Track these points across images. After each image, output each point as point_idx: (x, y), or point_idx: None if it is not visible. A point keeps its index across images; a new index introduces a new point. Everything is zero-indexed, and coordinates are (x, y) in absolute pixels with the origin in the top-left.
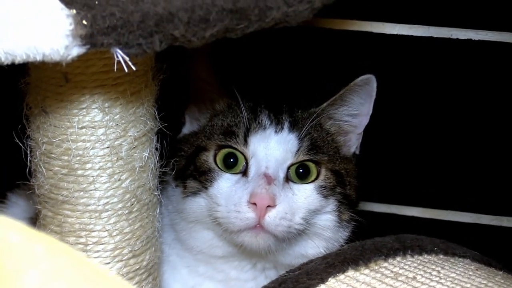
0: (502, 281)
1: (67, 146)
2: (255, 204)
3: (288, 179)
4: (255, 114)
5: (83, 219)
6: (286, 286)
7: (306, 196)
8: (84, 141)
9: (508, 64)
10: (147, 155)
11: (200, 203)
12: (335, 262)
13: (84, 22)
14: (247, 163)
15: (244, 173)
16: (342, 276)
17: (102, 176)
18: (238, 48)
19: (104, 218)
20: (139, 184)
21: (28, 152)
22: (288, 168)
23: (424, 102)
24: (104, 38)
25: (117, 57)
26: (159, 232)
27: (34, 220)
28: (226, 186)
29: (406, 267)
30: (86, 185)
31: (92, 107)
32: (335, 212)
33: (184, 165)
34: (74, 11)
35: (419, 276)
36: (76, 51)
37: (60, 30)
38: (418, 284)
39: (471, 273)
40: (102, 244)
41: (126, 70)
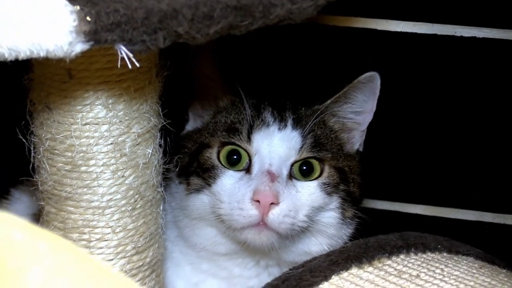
0: (506, 279)
1: (71, 143)
2: (258, 201)
3: (291, 176)
4: (258, 111)
5: (87, 216)
6: (290, 283)
7: (309, 193)
8: (88, 137)
9: None
10: (150, 151)
11: (204, 200)
12: (339, 260)
13: (88, 18)
14: (250, 160)
15: (248, 170)
16: (345, 274)
17: (105, 173)
18: (241, 45)
19: (108, 214)
20: (142, 180)
21: (32, 148)
22: (292, 165)
23: (428, 100)
24: (108, 34)
25: (121, 53)
26: (163, 228)
27: (38, 216)
28: (229, 183)
29: (410, 265)
30: (89, 181)
31: (96, 103)
32: (339, 209)
33: (187, 162)
34: (78, 8)
35: (423, 274)
36: (79, 47)
37: (64, 26)
38: (421, 282)
39: (474, 271)
40: (105, 240)
41: (130, 67)
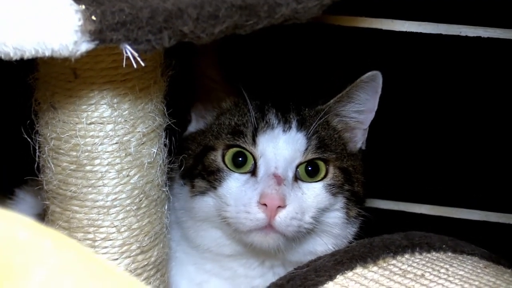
0: (511, 279)
1: (76, 142)
2: (265, 204)
3: (297, 178)
4: (262, 113)
5: (91, 215)
6: (294, 283)
7: (315, 195)
8: (93, 136)
9: None
10: (155, 151)
11: (209, 202)
12: (344, 259)
13: (93, 17)
14: (255, 163)
15: (253, 172)
16: (350, 273)
17: (110, 172)
18: (243, 44)
19: (113, 214)
20: (147, 180)
21: (37, 147)
22: (297, 167)
23: (433, 100)
24: (113, 34)
25: (126, 53)
26: (167, 228)
27: (42, 216)
28: (235, 186)
29: (415, 264)
30: (94, 181)
31: (101, 103)
32: (343, 209)
33: (191, 164)
34: (83, 7)
35: (427, 274)
36: (85, 46)
37: (69, 25)
38: (426, 282)
39: (479, 270)
40: (110, 240)
41: (135, 66)
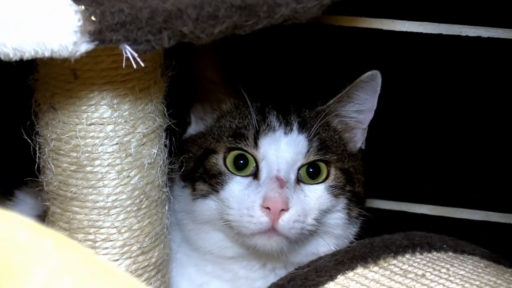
0: (511, 278)
1: (76, 143)
2: (268, 208)
3: (298, 180)
4: (263, 115)
5: (92, 216)
6: (295, 283)
7: (317, 197)
8: (93, 137)
9: None
10: (156, 151)
11: (210, 205)
12: (344, 259)
13: (93, 18)
14: (257, 166)
15: (255, 175)
16: (351, 273)
17: (111, 173)
18: (243, 44)
19: (113, 215)
20: (148, 181)
21: (37, 148)
22: (299, 169)
23: (433, 100)
24: (112, 34)
25: (125, 53)
26: (168, 229)
27: (42, 217)
28: (237, 189)
29: (415, 264)
30: (94, 181)
31: (101, 103)
32: (345, 210)
33: (192, 167)
34: (83, 7)
35: (428, 274)
36: (84, 47)
37: (69, 26)
38: (427, 282)
39: (480, 270)
40: (111, 241)
41: (135, 67)
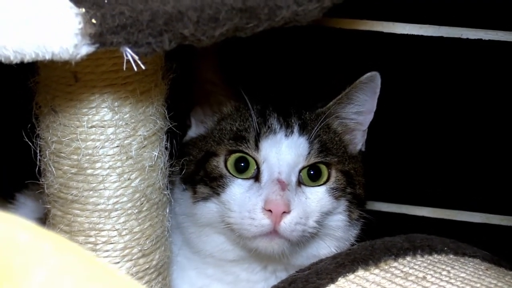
0: None
1: (77, 145)
2: (270, 210)
3: (300, 182)
4: (264, 118)
5: (93, 219)
6: (296, 285)
7: (318, 199)
8: (94, 140)
9: None
10: (156, 154)
11: (212, 208)
12: (345, 262)
13: (93, 21)
14: (258, 168)
15: (256, 178)
16: (352, 276)
17: (111, 175)
18: (245, 47)
19: (114, 217)
20: (148, 183)
21: (38, 151)
22: (300, 171)
23: (434, 102)
24: (113, 37)
25: (126, 56)
26: (169, 231)
27: (43, 220)
28: (239, 192)
29: (416, 267)
30: (95, 184)
31: (102, 106)
32: (346, 212)
33: (193, 170)
34: (83, 10)
35: (429, 276)
36: (85, 50)
37: (69, 28)
38: (428, 284)
39: (481, 273)
40: (112, 243)
41: (136, 69)
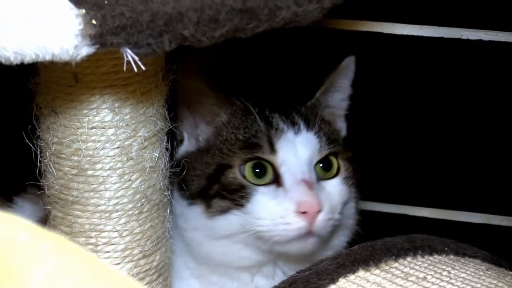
0: None
1: (77, 147)
2: (303, 212)
3: (317, 178)
4: (267, 120)
5: (93, 220)
6: (297, 286)
7: (338, 191)
8: (94, 141)
9: None
10: (157, 155)
11: (232, 220)
12: (346, 263)
13: (94, 21)
14: (275, 172)
15: (277, 182)
16: (352, 277)
17: (112, 177)
18: (244, 48)
19: (114, 218)
20: (149, 184)
21: (38, 152)
22: (314, 166)
23: (434, 103)
24: (113, 38)
25: (126, 57)
26: (170, 232)
27: (41, 223)
28: (265, 199)
29: (417, 267)
30: (96, 185)
31: (102, 107)
32: (354, 198)
33: (205, 185)
34: (84, 11)
35: (430, 276)
36: (85, 51)
37: (69, 29)
38: (428, 284)
39: (481, 273)
40: (112, 244)
41: (136, 70)
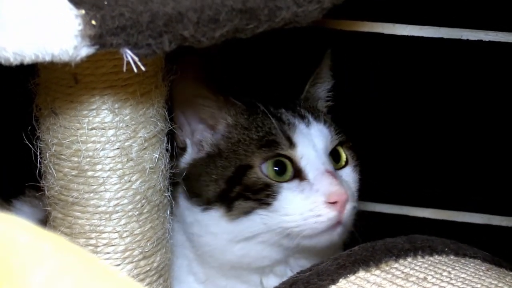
0: None
1: (77, 148)
2: (333, 203)
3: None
4: (276, 116)
5: (93, 221)
6: (297, 287)
7: (352, 179)
8: (94, 142)
9: None
10: (157, 156)
11: (255, 220)
12: (346, 263)
13: (93, 22)
14: (295, 166)
15: (298, 176)
16: (352, 277)
17: (112, 178)
18: (241, 49)
19: (115, 219)
20: (149, 185)
21: (38, 153)
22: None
23: (434, 103)
24: (113, 38)
25: (126, 57)
26: (170, 233)
27: (40, 226)
28: (292, 195)
29: (417, 267)
30: (96, 186)
31: (102, 108)
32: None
33: (225, 188)
34: (83, 11)
35: (430, 277)
36: (85, 51)
37: (69, 30)
38: (429, 285)
39: (481, 273)
40: (113, 245)
41: (136, 71)
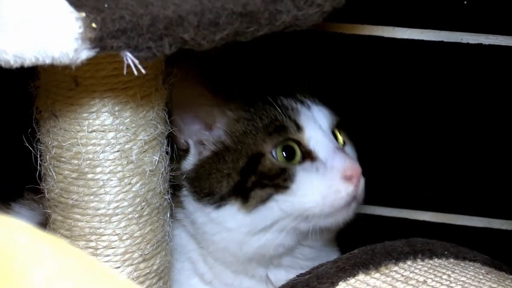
0: None
1: (77, 150)
2: (349, 177)
3: None
4: (277, 104)
5: (93, 223)
6: None
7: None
8: (94, 144)
9: None
10: (157, 158)
11: (273, 208)
12: (346, 266)
13: (94, 25)
14: (303, 149)
15: (309, 158)
16: (352, 280)
17: (112, 180)
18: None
19: (114, 222)
20: (149, 188)
21: (38, 156)
22: None
23: (435, 107)
24: (113, 41)
25: (126, 60)
26: (170, 236)
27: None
28: (308, 176)
29: (417, 271)
30: (96, 189)
31: (102, 110)
32: None
33: (239, 180)
34: (84, 14)
35: (430, 280)
36: (85, 54)
37: (69, 33)
38: None
39: (481, 277)
40: (112, 248)
41: (136, 74)
